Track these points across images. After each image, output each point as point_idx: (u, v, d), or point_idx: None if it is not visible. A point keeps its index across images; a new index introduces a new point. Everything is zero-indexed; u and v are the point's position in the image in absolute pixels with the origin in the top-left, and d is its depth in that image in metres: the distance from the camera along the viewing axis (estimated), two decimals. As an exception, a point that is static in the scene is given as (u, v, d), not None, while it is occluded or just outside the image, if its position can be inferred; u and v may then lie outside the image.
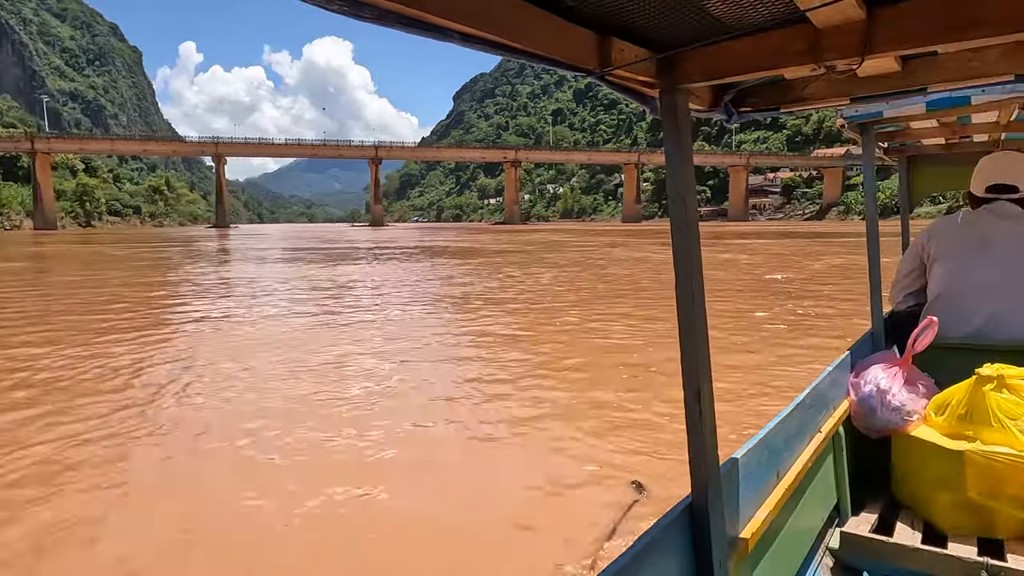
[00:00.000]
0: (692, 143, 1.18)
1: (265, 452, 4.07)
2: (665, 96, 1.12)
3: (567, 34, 0.92)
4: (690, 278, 1.16)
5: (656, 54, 1.05)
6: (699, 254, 1.18)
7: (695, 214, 1.16)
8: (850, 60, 0.95)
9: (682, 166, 1.13)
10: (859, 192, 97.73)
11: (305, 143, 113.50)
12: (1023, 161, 2.48)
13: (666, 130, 1.13)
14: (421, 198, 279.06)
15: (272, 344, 7.68)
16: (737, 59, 1.03)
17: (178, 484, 3.66)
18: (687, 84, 1.10)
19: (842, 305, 10.44)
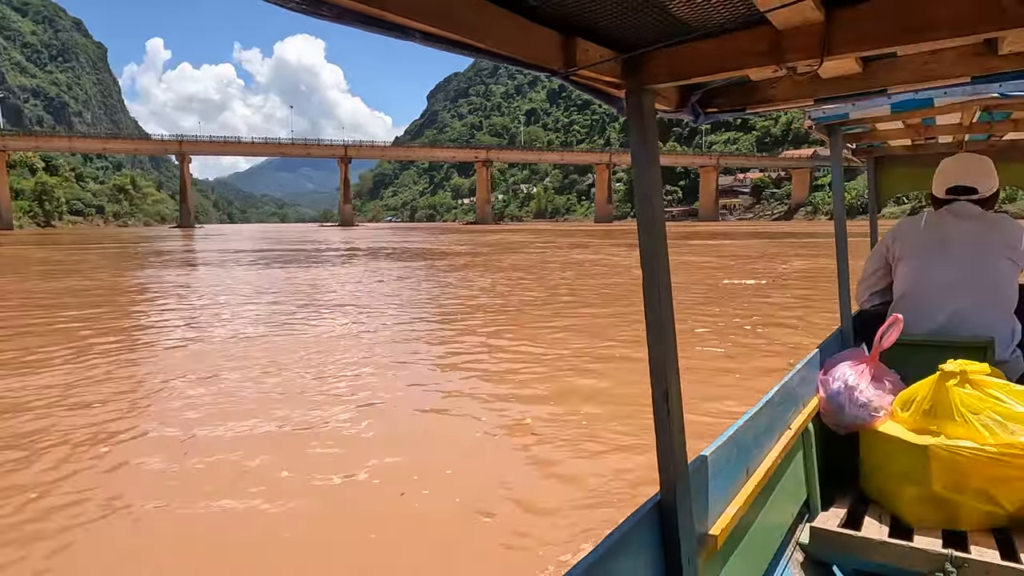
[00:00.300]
0: (658, 143, 1.18)
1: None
2: (631, 96, 1.12)
3: (531, 34, 0.92)
4: (657, 277, 1.16)
5: (621, 54, 1.05)
6: (666, 253, 1.18)
7: (662, 214, 1.17)
8: (811, 61, 0.96)
9: (648, 166, 1.14)
10: (826, 192, 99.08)
11: (272, 141, 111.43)
12: (982, 163, 2.54)
13: (632, 130, 1.13)
14: (395, 198, 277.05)
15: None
16: (701, 60, 1.04)
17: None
18: (653, 85, 1.10)
19: (799, 317, 9.19)
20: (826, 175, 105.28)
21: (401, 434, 4.48)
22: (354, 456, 4.01)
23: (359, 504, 3.40)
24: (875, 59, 1.16)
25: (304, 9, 0.66)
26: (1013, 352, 2.38)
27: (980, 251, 2.40)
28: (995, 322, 2.35)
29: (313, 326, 9.08)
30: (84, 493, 3.50)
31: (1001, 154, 3.25)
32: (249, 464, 3.89)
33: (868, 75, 1.17)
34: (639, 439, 4.08)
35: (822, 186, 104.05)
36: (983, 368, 1.88)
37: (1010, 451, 1.69)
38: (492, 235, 52.00)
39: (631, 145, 1.15)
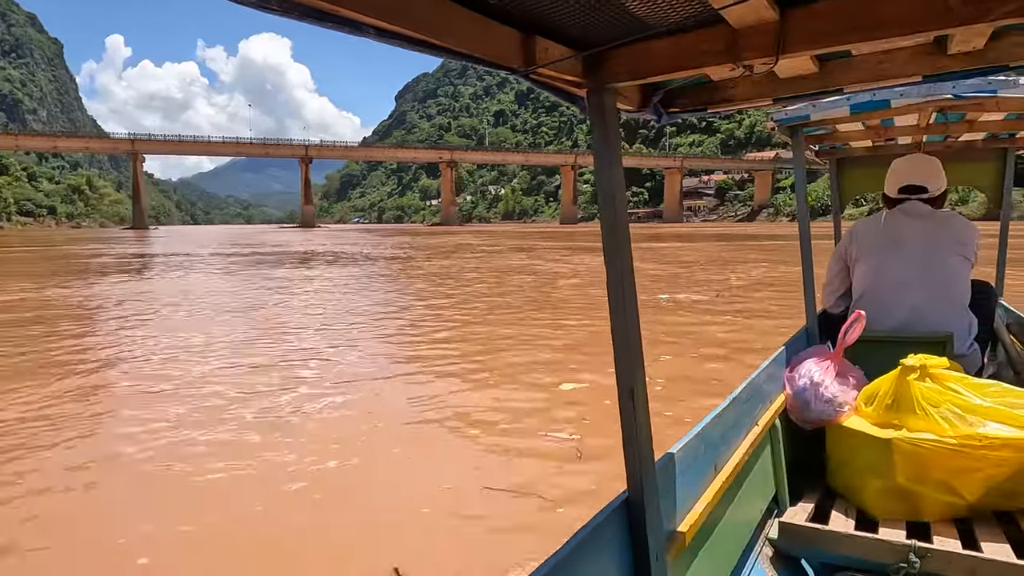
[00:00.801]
0: (621, 143, 1.19)
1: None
2: (592, 95, 1.12)
3: (490, 32, 0.91)
4: (621, 277, 1.17)
5: (580, 52, 1.05)
6: (630, 253, 1.19)
7: (625, 213, 1.17)
8: (766, 59, 0.98)
9: (611, 165, 1.14)
10: (787, 194, 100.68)
11: (230, 141, 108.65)
12: (931, 163, 2.61)
13: (594, 129, 1.14)
14: (362, 199, 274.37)
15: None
16: (660, 58, 1.04)
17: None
18: (614, 83, 1.11)
19: (732, 358, 6.45)
20: (788, 177, 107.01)
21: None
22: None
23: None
24: (831, 59, 1.17)
25: (254, 3, 0.65)
26: (970, 346, 2.44)
27: (932, 249, 2.46)
28: (951, 317, 2.41)
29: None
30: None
31: (957, 155, 3.33)
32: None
33: (825, 75, 1.19)
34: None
35: (784, 188, 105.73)
36: (943, 362, 1.92)
37: (969, 443, 1.73)
38: (445, 237, 50.20)
39: (593, 144, 1.15)
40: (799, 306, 2.95)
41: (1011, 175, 3.33)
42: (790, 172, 76.69)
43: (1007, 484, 1.75)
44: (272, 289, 13.90)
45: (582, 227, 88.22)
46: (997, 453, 1.72)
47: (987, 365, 2.92)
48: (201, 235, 72.86)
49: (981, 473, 1.75)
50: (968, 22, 0.83)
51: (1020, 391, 1.83)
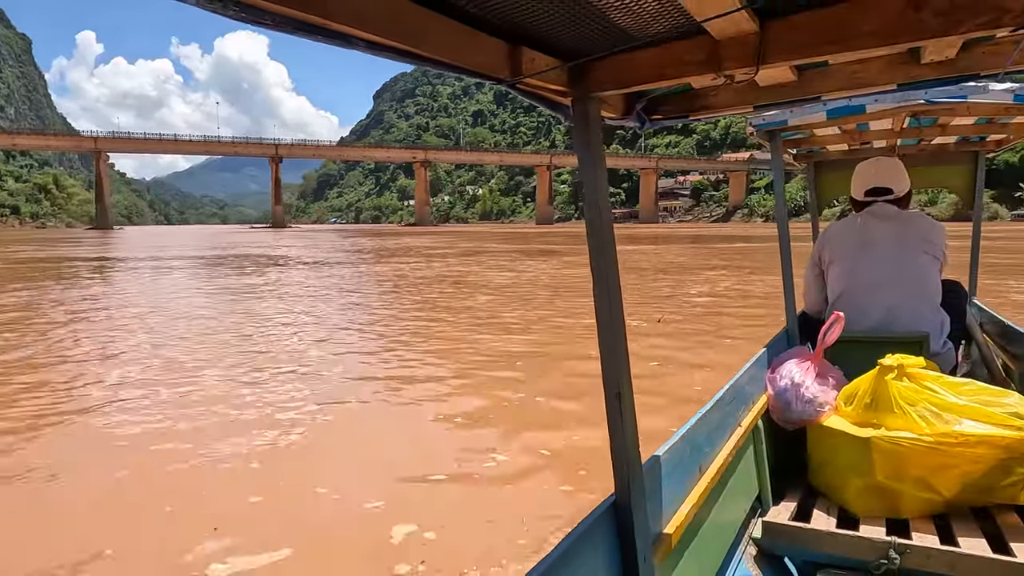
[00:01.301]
0: (604, 150, 1.20)
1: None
2: (577, 104, 1.14)
3: (477, 43, 0.93)
4: (607, 281, 1.18)
5: (565, 63, 1.07)
6: (615, 257, 1.20)
7: (609, 218, 1.19)
8: (747, 69, 1.00)
9: (595, 172, 1.16)
10: (762, 195, 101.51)
11: (197, 139, 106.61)
12: (894, 164, 2.68)
13: (578, 137, 1.15)
14: (340, 199, 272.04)
15: None
16: (644, 69, 1.06)
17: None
18: (598, 92, 1.12)
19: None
20: (762, 178, 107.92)
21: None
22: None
23: None
24: (808, 68, 1.20)
25: (244, 17, 0.66)
26: (944, 344, 2.48)
27: (902, 249, 2.51)
28: (925, 316, 2.46)
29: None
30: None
31: (931, 158, 3.39)
32: None
33: (803, 83, 1.22)
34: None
35: (758, 189, 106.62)
36: (919, 362, 1.95)
37: (945, 440, 1.77)
38: (407, 239, 48.27)
39: (578, 152, 1.16)
40: (773, 332, 2.84)
41: (982, 177, 3.39)
42: (764, 173, 75.71)
43: (983, 480, 1.78)
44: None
45: (557, 228, 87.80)
46: (973, 450, 1.75)
47: (961, 364, 2.98)
48: (163, 236, 69.81)
49: (958, 470, 1.78)
50: (940, 34, 0.85)
51: (994, 389, 1.87)
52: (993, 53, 1.06)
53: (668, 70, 1.05)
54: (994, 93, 2.14)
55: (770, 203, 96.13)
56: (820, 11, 0.92)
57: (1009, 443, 1.74)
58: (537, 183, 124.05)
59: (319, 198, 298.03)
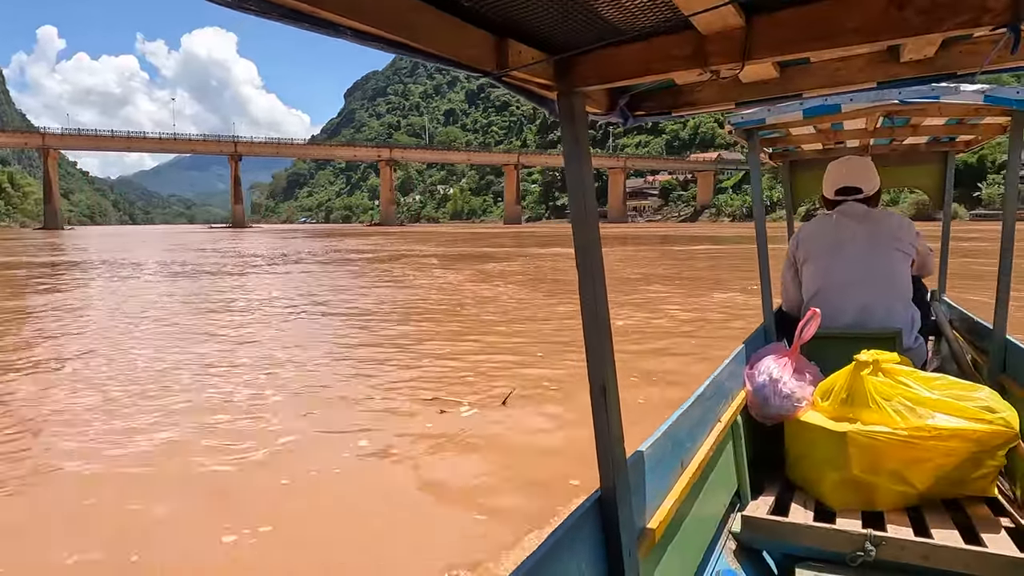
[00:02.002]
0: (590, 145, 1.21)
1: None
2: (563, 99, 1.15)
3: (464, 34, 0.93)
4: (592, 276, 1.18)
5: (552, 56, 1.07)
6: (600, 252, 1.21)
7: (595, 213, 1.19)
8: (733, 65, 1.00)
9: (581, 167, 1.16)
10: (729, 195, 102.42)
11: (153, 137, 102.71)
12: (864, 164, 2.74)
13: (564, 132, 1.16)
14: (310, 198, 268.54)
15: None
16: (630, 63, 1.06)
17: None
18: (583, 87, 1.12)
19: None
20: (729, 178, 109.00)
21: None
22: None
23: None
24: (790, 65, 1.22)
25: (230, 3, 0.65)
26: (916, 339, 2.55)
27: (873, 247, 2.56)
28: (898, 313, 2.52)
29: None
30: None
31: (902, 158, 3.46)
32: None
33: (785, 80, 1.23)
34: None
35: (725, 188, 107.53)
36: (893, 357, 1.99)
37: (919, 434, 1.81)
38: (352, 240, 45.91)
39: (564, 147, 1.17)
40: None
41: (951, 177, 3.45)
42: (731, 173, 76.47)
43: (955, 473, 1.83)
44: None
45: (526, 227, 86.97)
46: (945, 443, 1.80)
47: (932, 359, 3.06)
48: (114, 236, 65.38)
49: (931, 463, 1.82)
50: (921, 32, 0.86)
51: (965, 384, 1.92)
52: (971, 52, 1.08)
53: (654, 65, 1.05)
54: (965, 94, 2.19)
55: (737, 203, 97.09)
56: (805, 7, 0.93)
57: (980, 436, 1.78)
58: (505, 182, 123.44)
59: (289, 197, 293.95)
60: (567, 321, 8.90)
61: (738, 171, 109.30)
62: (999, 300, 2.39)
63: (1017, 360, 2.37)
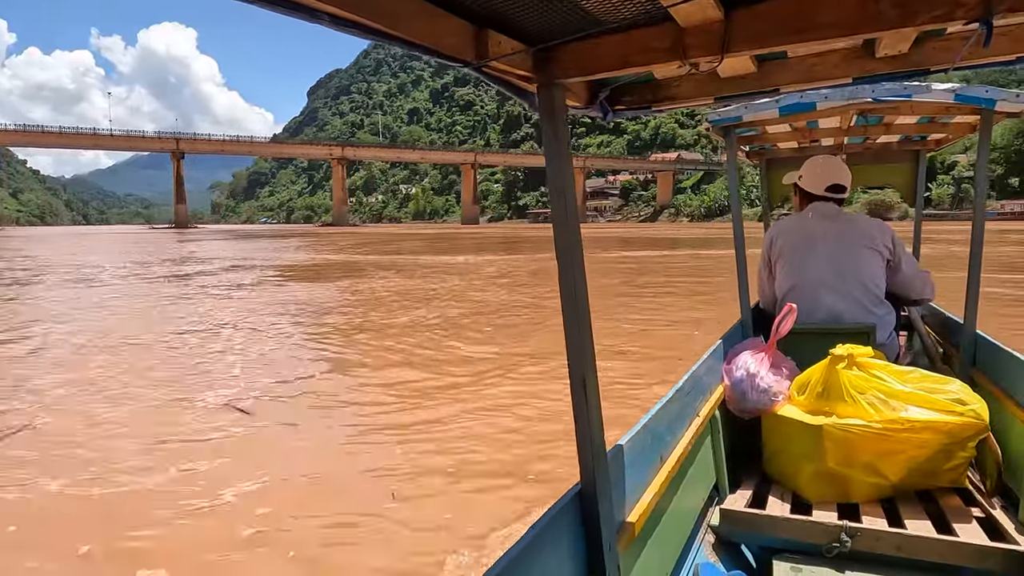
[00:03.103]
0: (569, 138, 1.21)
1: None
2: (542, 91, 1.14)
3: (443, 23, 0.92)
4: (572, 270, 1.18)
5: (532, 47, 1.06)
6: (580, 245, 1.21)
7: (575, 206, 1.19)
8: (712, 58, 1.00)
9: (560, 160, 1.16)
10: (688, 195, 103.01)
11: (85, 132, 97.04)
12: (843, 164, 2.78)
13: (544, 125, 1.15)
14: (271, 198, 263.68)
15: None
16: (610, 55, 1.06)
17: None
18: (563, 79, 1.12)
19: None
20: (689, 178, 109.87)
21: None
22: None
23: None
24: (768, 60, 1.23)
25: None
26: (890, 335, 2.59)
27: (845, 245, 2.60)
28: (871, 309, 2.56)
29: None
30: None
31: (875, 156, 3.53)
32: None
33: (762, 75, 1.24)
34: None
35: (684, 188, 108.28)
36: (868, 351, 2.01)
37: (892, 426, 1.84)
38: (265, 242, 44.38)
39: (543, 140, 1.16)
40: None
41: (923, 175, 3.52)
42: (691, 173, 77.17)
43: (927, 465, 1.86)
44: None
45: (484, 228, 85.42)
46: (918, 435, 1.83)
47: (904, 354, 3.08)
48: (32, 239, 59.69)
49: (904, 455, 1.85)
50: (897, 26, 0.87)
51: (938, 377, 1.95)
52: (943, 48, 1.09)
53: (633, 57, 1.05)
54: (936, 92, 2.23)
55: (695, 203, 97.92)
56: (783, 1, 0.93)
57: (951, 428, 1.82)
58: (462, 182, 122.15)
59: (250, 197, 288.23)
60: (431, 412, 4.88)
61: (697, 171, 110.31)
62: (969, 296, 2.43)
63: (986, 354, 2.40)
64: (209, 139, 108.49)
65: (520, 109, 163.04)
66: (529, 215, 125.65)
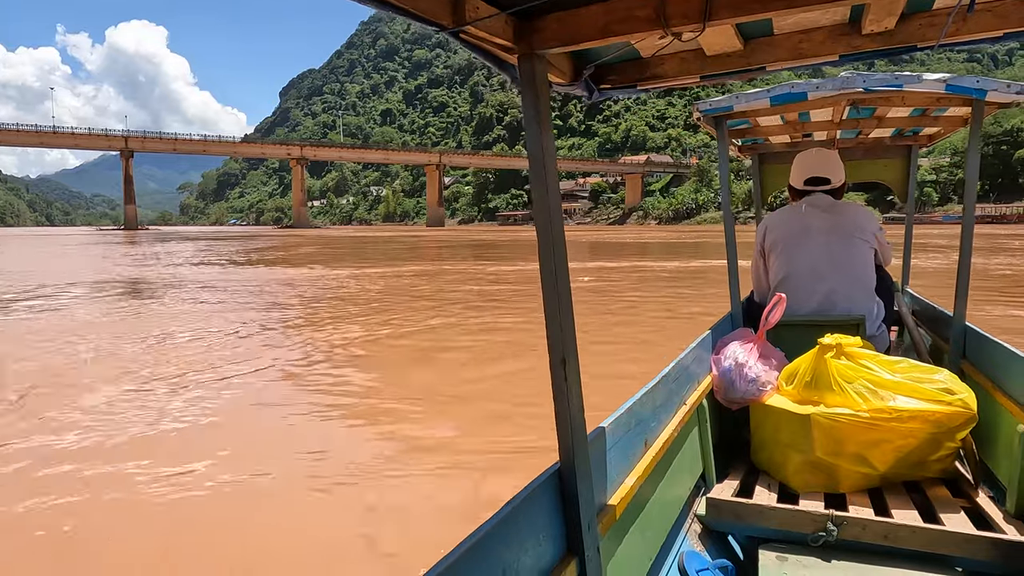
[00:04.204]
0: (551, 113, 1.18)
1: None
2: (523, 62, 1.11)
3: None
4: (552, 243, 1.16)
5: (507, 11, 1.04)
6: (560, 220, 1.18)
7: (556, 183, 1.16)
8: (694, 26, 0.98)
9: (541, 135, 1.12)
10: (657, 198, 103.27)
11: (27, 129, 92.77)
12: (832, 156, 2.77)
13: (525, 98, 1.12)
14: (241, 199, 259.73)
15: None
16: (590, 24, 1.04)
17: None
18: (544, 49, 1.09)
19: None
20: (658, 180, 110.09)
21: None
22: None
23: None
24: (754, 37, 1.21)
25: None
26: (879, 327, 2.61)
27: (838, 237, 2.60)
28: (861, 301, 2.56)
29: None
30: None
31: (868, 152, 3.53)
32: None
33: (748, 53, 1.23)
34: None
35: (653, 191, 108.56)
36: (856, 341, 2.00)
37: (880, 415, 1.82)
38: (202, 243, 43.10)
39: (524, 114, 1.13)
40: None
41: (915, 171, 3.51)
42: (660, 175, 76.56)
43: (914, 454, 1.86)
44: None
45: (443, 231, 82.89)
46: (906, 425, 1.82)
47: (894, 348, 3.11)
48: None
49: (891, 445, 1.84)
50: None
51: (926, 366, 1.94)
52: (929, 25, 1.08)
53: (615, 26, 1.03)
54: (927, 82, 2.21)
55: (664, 205, 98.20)
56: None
57: (939, 418, 1.81)
58: (427, 183, 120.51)
59: (220, 198, 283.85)
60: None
61: (666, 174, 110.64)
62: (959, 289, 2.43)
63: (977, 345, 2.40)
64: (160, 138, 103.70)
65: (493, 111, 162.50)
66: (499, 217, 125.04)
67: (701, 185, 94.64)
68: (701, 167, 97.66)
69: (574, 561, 1.20)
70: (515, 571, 1.05)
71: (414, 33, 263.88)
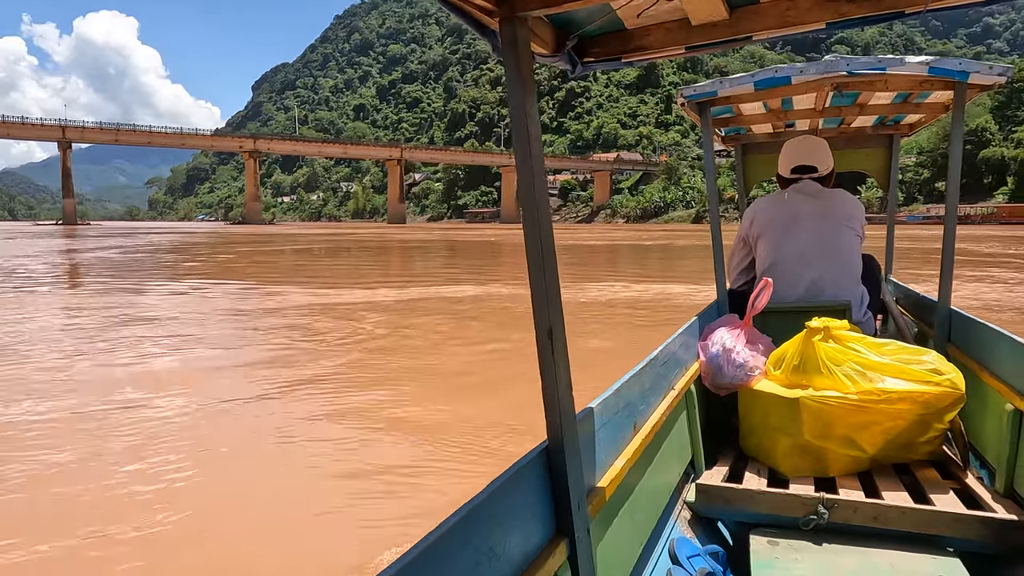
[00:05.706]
0: (535, 81, 1.15)
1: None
2: (504, 26, 1.08)
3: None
4: (537, 211, 1.14)
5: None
6: (544, 189, 1.16)
7: (540, 152, 1.14)
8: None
9: (524, 103, 1.10)
10: (625, 196, 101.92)
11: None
12: (820, 143, 2.77)
13: (507, 65, 1.09)
14: (211, 194, 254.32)
15: None
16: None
17: None
18: (525, 11, 1.07)
19: None
20: (628, 179, 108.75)
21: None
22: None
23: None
24: (740, 6, 1.20)
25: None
26: (865, 314, 2.63)
27: (825, 224, 2.59)
28: (847, 288, 2.57)
29: None
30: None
31: (850, 141, 3.56)
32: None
33: (734, 22, 1.21)
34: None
35: (622, 189, 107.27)
36: (844, 324, 1.99)
37: (869, 397, 1.81)
38: (119, 239, 40.69)
39: (506, 81, 1.10)
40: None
41: (896, 160, 3.54)
42: (630, 174, 73.96)
43: (903, 437, 1.85)
44: None
45: (408, 228, 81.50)
46: (895, 406, 1.81)
47: (880, 334, 3.08)
48: None
49: (880, 427, 1.83)
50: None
51: (914, 348, 1.93)
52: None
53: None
54: (910, 65, 2.23)
55: (632, 204, 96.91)
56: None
57: (927, 399, 1.80)
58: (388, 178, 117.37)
59: (189, 193, 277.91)
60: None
61: (636, 171, 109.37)
62: (943, 274, 2.46)
63: (962, 328, 2.42)
64: (101, 128, 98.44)
65: (465, 107, 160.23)
66: (467, 214, 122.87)
67: (670, 184, 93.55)
68: (670, 165, 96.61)
69: (564, 542, 1.17)
70: (503, 549, 1.02)
71: (389, 28, 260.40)
